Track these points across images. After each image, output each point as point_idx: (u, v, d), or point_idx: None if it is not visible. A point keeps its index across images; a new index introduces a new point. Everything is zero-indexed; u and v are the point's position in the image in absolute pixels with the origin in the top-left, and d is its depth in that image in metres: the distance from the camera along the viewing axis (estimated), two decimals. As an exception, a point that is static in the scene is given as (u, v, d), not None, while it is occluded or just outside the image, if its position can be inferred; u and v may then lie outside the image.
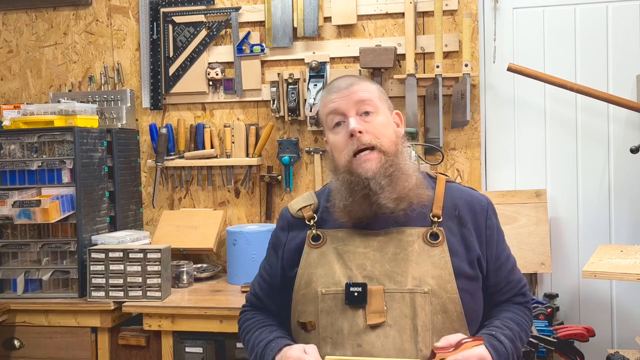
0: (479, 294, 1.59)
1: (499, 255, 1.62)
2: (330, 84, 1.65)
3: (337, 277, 1.53)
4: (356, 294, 1.49)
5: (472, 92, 2.75)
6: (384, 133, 1.55)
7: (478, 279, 1.57)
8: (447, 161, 2.80)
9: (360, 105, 1.56)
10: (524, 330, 1.59)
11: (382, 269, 1.51)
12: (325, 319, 1.52)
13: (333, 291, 1.52)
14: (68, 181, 2.61)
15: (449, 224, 1.58)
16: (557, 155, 2.79)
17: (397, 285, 1.49)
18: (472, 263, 1.56)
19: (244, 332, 1.71)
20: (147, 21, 3.03)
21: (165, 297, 2.50)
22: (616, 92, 2.68)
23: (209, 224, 2.91)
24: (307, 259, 1.59)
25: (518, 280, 1.66)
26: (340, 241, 1.57)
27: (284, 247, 1.66)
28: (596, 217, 2.75)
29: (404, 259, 1.52)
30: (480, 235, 1.59)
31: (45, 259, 2.65)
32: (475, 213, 1.60)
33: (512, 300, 1.65)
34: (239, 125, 2.93)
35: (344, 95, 1.57)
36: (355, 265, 1.53)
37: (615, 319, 2.74)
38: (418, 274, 1.50)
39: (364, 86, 1.59)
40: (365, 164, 1.52)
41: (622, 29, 2.70)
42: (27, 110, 2.70)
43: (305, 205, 1.66)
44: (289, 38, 2.89)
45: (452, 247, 1.55)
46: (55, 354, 2.54)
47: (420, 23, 2.80)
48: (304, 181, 2.94)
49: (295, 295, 1.60)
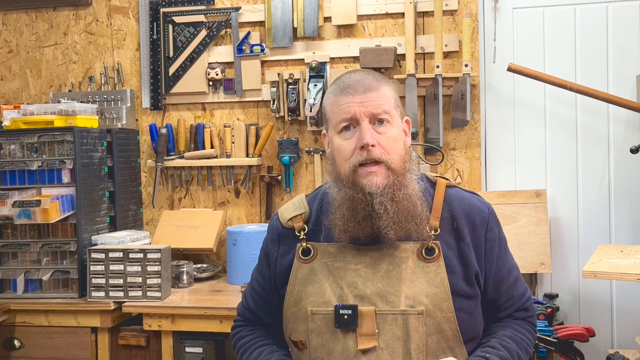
0: (478, 311, 1.52)
1: (499, 270, 1.54)
2: (343, 80, 1.51)
3: (327, 296, 1.47)
4: (346, 316, 1.43)
5: (472, 92, 2.75)
6: (395, 148, 1.46)
7: (476, 297, 1.50)
8: (447, 161, 2.79)
9: (376, 115, 1.45)
10: (523, 349, 1.52)
11: (374, 287, 1.45)
12: (315, 340, 1.47)
13: (323, 311, 1.46)
14: (68, 181, 2.61)
15: (446, 237, 1.50)
16: (557, 155, 2.79)
17: (389, 306, 1.43)
18: (470, 280, 1.49)
19: (240, 351, 1.63)
20: (147, 21, 3.03)
21: (165, 297, 2.50)
22: (616, 92, 2.68)
23: (209, 224, 2.91)
24: (296, 274, 1.53)
25: (520, 295, 1.58)
26: (331, 257, 1.50)
27: (276, 262, 1.59)
28: (596, 217, 2.75)
29: (397, 277, 1.45)
30: (478, 250, 1.51)
31: (45, 259, 2.65)
32: (475, 226, 1.52)
33: (513, 316, 1.58)
34: (239, 125, 2.93)
35: (361, 101, 1.45)
36: (346, 284, 1.46)
37: (615, 319, 2.74)
38: (412, 293, 1.44)
39: (383, 93, 1.47)
40: (370, 177, 1.43)
41: (622, 29, 2.70)
42: (27, 110, 2.70)
43: (295, 214, 1.58)
44: (289, 38, 2.89)
45: (448, 262, 1.47)
46: (55, 354, 2.54)
47: (420, 23, 2.80)
48: (304, 181, 2.94)
49: (285, 312, 1.55)
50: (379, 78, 1.51)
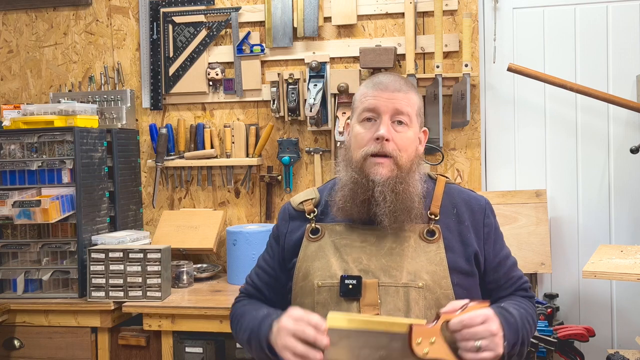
0: (476, 290, 1.59)
1: (498, 253, 1.62)
2: (378, 76, 1.63)
3: (334, 269, 1.55)
4: (351, 286, 1.50)
5: (472, 92, 2.75)
6: (406, 148, 1.56)
7: (474, 275, 1.58)
8: (447, 161, 2.80)
9: (398, 113, 1.55)
10: (530, 316, 1.58)
11: (378, 262, 1.53)
12: (320, 311, 1.52)
13: (329, 284, 1.54)
14: (68, 181, 2.61)
15: (447, 221, 1.59)
16: (557, 155, 2.79)
17: (391, 279, 1.51)
18: (469, 258, 1.57)
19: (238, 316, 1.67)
20: (147, 21, 3.03)
21: (165, 297, 2.50)
22: (616, 92, 2.68)
23: (209, 224, 2.91)
24: (305, 252, 1.61)
25: (519, 277, 1.66)
26: (338, 235, 1.59)
27: (285, 237, 1.67)
28: (596, 217, 2.75)
29: (399, 253, 1.54)
30: (478, 232, 1.60)
31: (45, 259, 2.65)
32: (474, 211, 1.62)
33: (515, 294, 1.64)
34: (239, 125, 2.93)
35: (388, 97, 1.55)
36: (352, 259, 1.55)
37: (615, 319, 2.74)
38: (413, 268, 1.52)
39: (409, 97, 1.58)
40: (377, 168, 1.53)
41: (622, 29, 2.70)
42: (27, 110, 2.70)
43: (306, 199, 1.68)
44: (289, 38, 2.89)
45: (448, 243, 1.56)
46: (55, 354, 2.54)
47: (420, 23, 2.80)
48: (304, 181, 2.94)
49: (294, 287, 1.62)
50: (410, 85, 1.61)
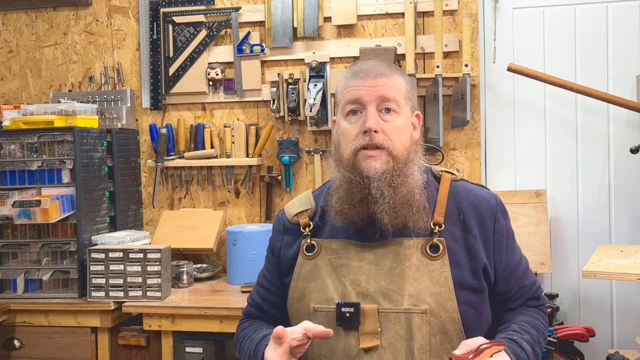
0: (485, 305, 1.49)
1: (509, 262, 1.52)
2: (357, 64, 1.50)
3: (330, 293, 1.45)
4: (348, 314, 1.40)
5: (472, 92, 2.75)
6: (398, 138, 1.44)
7: (483, 290, 1.47)
8: (447, 161, 2.79)
9: (384, 101, 1.43)
10: (541, 334, 1.49)
11: (377, 285, 1.43)
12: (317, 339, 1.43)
13: (325, 309, 1.45)
14: (68, 181, 2.61)
15: (452, 230, 1.47)
16: (557, 155, 2.79)
17: (392, 304, 1.41)
18: (477, 273, 1.46)
19: (240, 340, 1.60)
20: (147, 21, 3.03)
21: (165, 297, 2.50)
22: (616, 92, 2.68)
23: (209, 224, 2.91)
24: (300, 271, 1.52)
25: (531, 284, 1.57)
26: (335, 253, 1.49)
27: (280, 250, 1.59)
28: (596, 217, 2.75)
29: (400, 274, 1.43)
30: (487, 242, 1.48)
31: (45, 259, 2.65)
32: (482, 217, 1.49)
33: (526, 304, 1.56)
34: (239, 125, 2.93)
35: (370, 85, 1.43)
36: (349, 281, 1.45)
37: (615, 319, 2.74)
38: (415, 291, 1.41)
39: (394, 81, 1.45)
40: (369, 161, 1.41)
41: (622, 29, 2.70)
42: (27, 110, 2.70)
43: (301, 210, 1.58)
44: (289, 38, 2.89)
45: (454, 256, 1.45)
46: (55, 354, 2.54)
47: (420, 23, 2.80)
48: (304, 181, 2.94)
49: (289, 308, 1.54)
50: (393, 67, 1.49)
